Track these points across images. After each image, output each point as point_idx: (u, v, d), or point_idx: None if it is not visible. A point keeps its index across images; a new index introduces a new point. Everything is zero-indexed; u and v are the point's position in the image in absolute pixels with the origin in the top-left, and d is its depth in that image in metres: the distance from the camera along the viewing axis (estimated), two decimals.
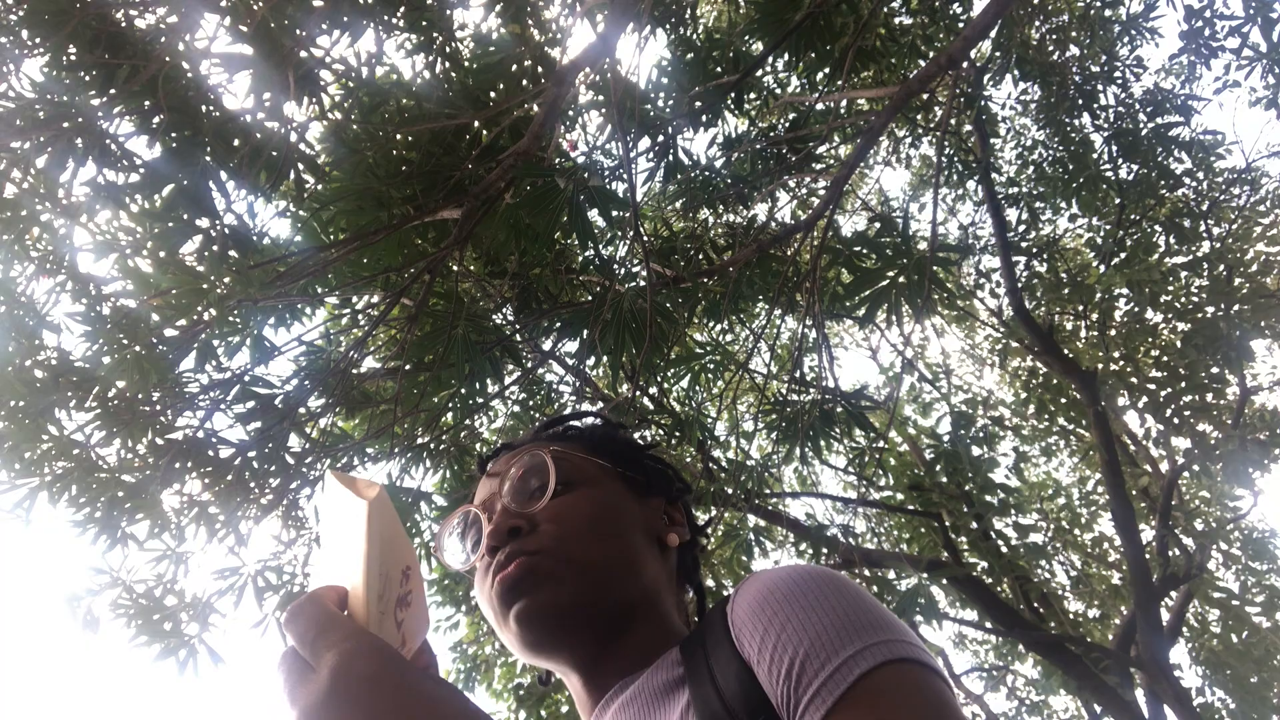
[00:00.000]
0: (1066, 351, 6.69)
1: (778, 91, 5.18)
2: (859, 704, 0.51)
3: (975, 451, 5.38)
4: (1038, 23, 5.76)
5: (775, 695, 0.55)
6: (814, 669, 0.53)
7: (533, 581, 0.71)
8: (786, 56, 4.11)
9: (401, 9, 2.98)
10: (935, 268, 2.97)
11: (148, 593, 3.34)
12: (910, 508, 6.62)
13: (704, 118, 4.30)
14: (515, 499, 0.78)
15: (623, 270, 4.14)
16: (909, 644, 0.54)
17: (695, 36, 4.26)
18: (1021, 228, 6.91)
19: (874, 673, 0.52)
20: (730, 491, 4.18)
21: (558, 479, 0.77)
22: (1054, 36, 5.79)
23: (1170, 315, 5.99)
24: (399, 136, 3.22)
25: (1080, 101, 5.76)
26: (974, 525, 5.83)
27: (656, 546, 0.81)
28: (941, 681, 0.54)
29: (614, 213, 3.25)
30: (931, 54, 4.40)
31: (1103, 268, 6.27)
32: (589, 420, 0.93)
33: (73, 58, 2.52)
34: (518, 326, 3.99)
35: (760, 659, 0.57)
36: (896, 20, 4.65)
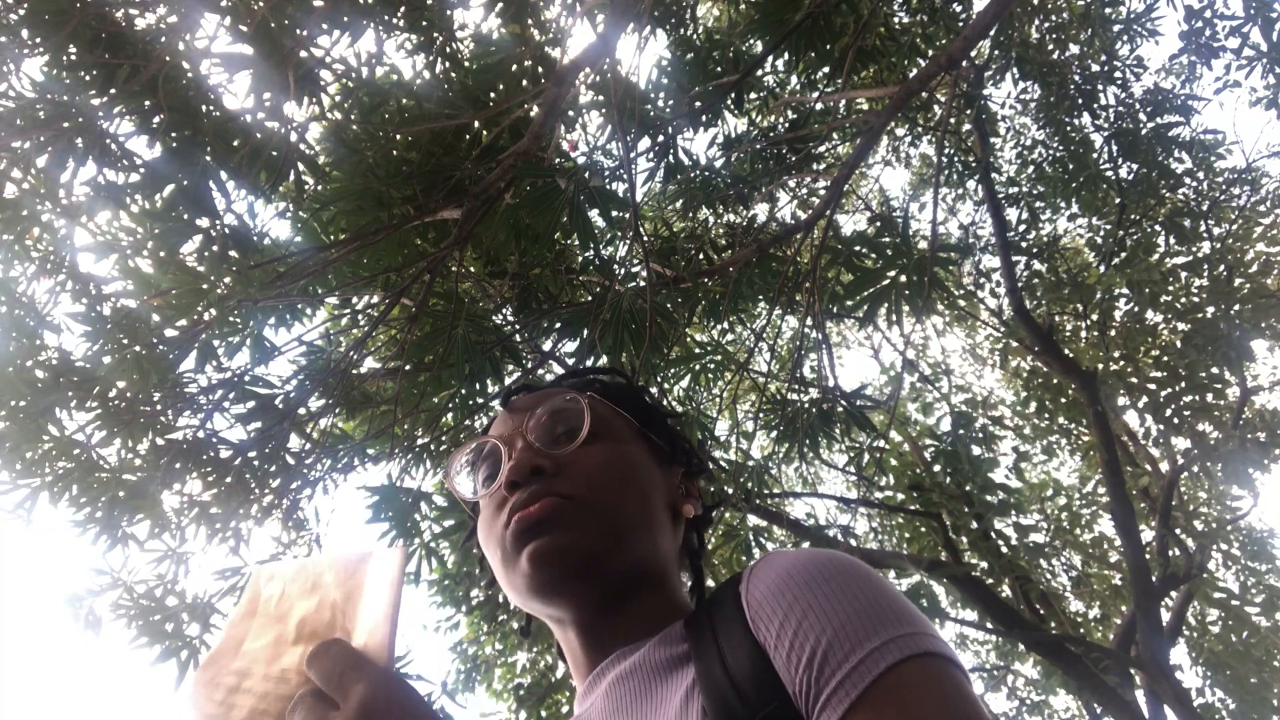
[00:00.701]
0: (1066, 351, 6.69)
1: (778, 91, 5.18)
2: (885, 698, 0.50)
3: (975, 451, 5.37)
4: (1038, 22, 5.76)
5: (793, 682, 0.54)
6: (838, 659, 0.52)
7: (555, 524, 0.69)
8: (786, 56, 4.11)
9: (401, 9, 2.98)
10: (935, 268, 2.97)
11: (149, 593, 3.34)
12: (910, 508, 6.62)
13: (704, 118, 4.30)
14: (541, 438, 0.75)
15: (623, 270, 4.13)
16: (934, 638, 0.54)
17: (695, 36, 4.26)
18: (1021, 228, 6.91)
19: (900, 666, 0.51)
20: (730, 491, 4.17)
21: (590, 427, 0.75)
22: (1054, 36, 5.79)
23: (1170, 315, 5.98)
24: (399, 136, 3.22)
25: (1080, 101, 5.75)
26: (974, 525, 5.83)
27: (671, 516, 0.79)
28: (965, 677, 0.53)
29: (614, 213, 3.24)
30: (931, 54, 4.40)
31: (1103, 268, 6.27)
32: (616, 378, 0.90)
33: (73, 58, 2.53)
34: (518, 326, 3.99)
35: (779, 644, 0.55)
36: (896, 20, 4.65)
